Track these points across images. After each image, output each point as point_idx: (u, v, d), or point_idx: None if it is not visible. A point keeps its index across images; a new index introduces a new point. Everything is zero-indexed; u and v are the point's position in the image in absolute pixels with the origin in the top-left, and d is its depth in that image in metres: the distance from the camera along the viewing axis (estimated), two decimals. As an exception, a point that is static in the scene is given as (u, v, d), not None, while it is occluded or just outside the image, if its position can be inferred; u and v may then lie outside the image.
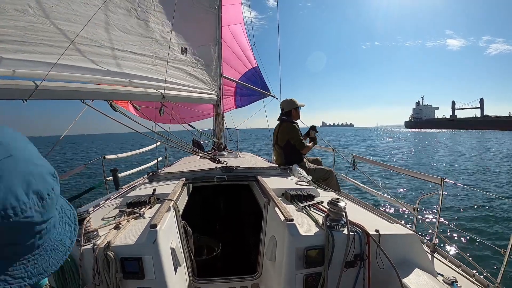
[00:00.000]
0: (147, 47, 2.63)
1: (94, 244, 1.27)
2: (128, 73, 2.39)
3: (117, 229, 1.41)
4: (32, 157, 0.41)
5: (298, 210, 1.71)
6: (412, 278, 1.31)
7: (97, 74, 2.12)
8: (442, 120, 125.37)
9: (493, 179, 10.37)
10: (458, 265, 1.79)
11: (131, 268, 1.26)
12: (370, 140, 42.95)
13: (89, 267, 1.25)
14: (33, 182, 0.38)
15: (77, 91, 1.95)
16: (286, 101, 3.37)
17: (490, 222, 5.63)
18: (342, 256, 1.33)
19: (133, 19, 2.50)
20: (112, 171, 2.80)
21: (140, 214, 1.61)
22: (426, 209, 6.00)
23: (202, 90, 3.44)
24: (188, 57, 3.22)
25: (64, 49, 1.84)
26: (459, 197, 7.30)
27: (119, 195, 2.14)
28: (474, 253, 4.21)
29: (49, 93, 1.74)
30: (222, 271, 2.12)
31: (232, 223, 3.12)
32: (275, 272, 1.53)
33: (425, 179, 2.25)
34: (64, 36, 1.92)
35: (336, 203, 1.38)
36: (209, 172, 2.49)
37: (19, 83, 1.61)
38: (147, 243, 1.28)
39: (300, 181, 2.35)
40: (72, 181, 9.22)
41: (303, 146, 3.16)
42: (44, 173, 0.41)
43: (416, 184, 8.90)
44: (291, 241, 1.35)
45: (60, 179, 1.83)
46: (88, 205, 1.78)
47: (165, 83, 2.69)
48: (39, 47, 1.79)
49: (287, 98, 3.41)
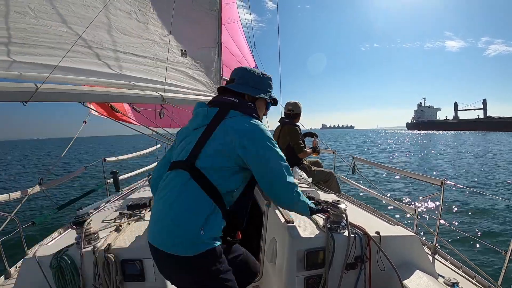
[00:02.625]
0: (148, 49, 2.64)
1: (94, 246, 1.27)
2: (129, 75, 2.40)
3: (117, 232, 1.42)
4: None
5: None
6: (413, 280, 1.30)
7: (97, 76, 2.12)
8: (445, 122, 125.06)
9: (493, 179, 10.36)
10: (459, 266, 1.78)
11: (131, 270, 1.26)
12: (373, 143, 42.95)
13: (90, 269, 1.25)
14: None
15: (78, 93, 1.96)
16: (296, 103, 3.36)
17: (491, 223, 5.62)
18: (342, 258, 1.33)
19: (134, 22, 2.50)
20: (113, 174, 2.81)
21: (141, 216, 1.61)
22: (426, 210, 5.99)
23: (202, 92, 3.44)
24: (188, 59, 3.23)
25: (65, 51, 1.84)
26: (459, 199, 7.29)
27: (119, 198, 2.14)
28: (475, 255, 4.21)
29: (49, 95, 1.74)
30: None
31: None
32: (275, 274, 1.52)
33: (426, 180, 2.25)
34: (65, 38, 1.92)
35: (336, 205, 1.38)
36: None
37: (20, 86, 1.61)
38: (148, 246, 1.28)
39: (301, 183, 2.35)
40: (72, 184, 9.21)
41: (301, 150, 3.15)
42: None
43: (416, 185, 8.89)
44: (292, 243, 1.35)
45: (61, 182, 1.84)
46: (88, 207, 1.78)
47: (164, 85, 2.69)
48: (40, 49, 1.80)
49: (294, 101, 3.40)
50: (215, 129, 1.05)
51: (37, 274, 1.26)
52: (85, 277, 1.25)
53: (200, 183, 1.00)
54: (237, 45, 6.10)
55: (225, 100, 1.13)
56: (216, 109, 1.10)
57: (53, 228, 2.53)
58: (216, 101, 1.16)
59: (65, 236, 1.47)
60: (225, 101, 1.13)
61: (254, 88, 1.21)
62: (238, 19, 6.19)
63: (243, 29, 6.30)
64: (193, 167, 1.01)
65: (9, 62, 1.64)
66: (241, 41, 6.26)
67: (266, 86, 1.25)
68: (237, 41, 6.14)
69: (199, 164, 1.02)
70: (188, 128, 1.17)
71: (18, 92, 1.59)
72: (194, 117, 1.16)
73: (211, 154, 1.03)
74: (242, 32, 6.34)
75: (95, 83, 2.11)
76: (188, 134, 1.14)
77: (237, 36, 6.15)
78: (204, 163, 1.02)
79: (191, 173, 1.01)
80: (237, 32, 6.19)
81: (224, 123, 1.06)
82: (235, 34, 6.08)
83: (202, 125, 1.09)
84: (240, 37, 6.24)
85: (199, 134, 1.07)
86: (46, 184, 2.28)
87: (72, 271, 1.23)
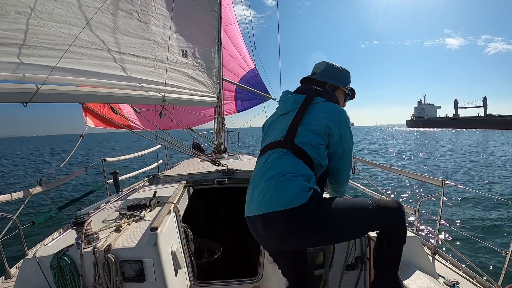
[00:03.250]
0: (149, 50, 2.64)
1: (94, 247, 1.27)
2: (129, 76, 2.40)
3: (117, 232, 1.42)
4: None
5: None
6: (413, 280, 1.31)
7: (98, 77, 2.12)
8: (445, 119, 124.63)
9: (494, 179, 10.36)
10: (459, 267, 1.78)
11: (131, 271, 1.26)
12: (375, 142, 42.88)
13: (90, 270, 1.25)
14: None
15: (78, 94, 1.96)
16: None
17: (491, 223, 5.62)
18: (343, 259, 1.33)
19: (135, 22, 2.51)
20: (113, 174, 2.81)
21: (141, 217, 1.61)
22: (427, 211, 5.98)
23: (202, 93, 3.44)
24: (188, 59, 3.23)
25: (66, 53, 1.85)
26: (460, 199, 7.29)
27: (119, 198, 2.14)
28: (475, 255, 4.20)
29: (49, 96, 1.74)
30: (223, 274, 2.12)
31: (232, 226, 3.11)
32: (276, 275, 1.52)
33: (426, 181, 2.24)
34: (65, 38, 1.92)
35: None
36: (210, 175, 2.49)
37: (20, 87, 1.62)
38: (148, 246, 1.28)
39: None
40: (72, 184, 9.22)
41: None
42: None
43: (416, 186, 8.89)
44: None
45: (61, 182, 1.83)
46: (88, 207, 1.77)
47: (165, 86, 2.70)
48: (40, 50, 1.80)
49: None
50: (306, 112, 1.18)
51: (37, 274, 1.26)
52: (85, 278, 1.25)
53: (299, 156, 1.11)
54: (235, 47, 6.11)
55: (310, 88, 1.27)
56: (303, 95, 1.23)
57: (53, 228, 2.53)
58: (302, 89, 1.30)
59: (65, 236, 1.47)
60: (310, 89, 1.26)
61: (335, 79, 1.35)
62: (236, 20, 6.19)
63: (243, 25, 6.30)
64: (293, 143, 1.13)
65: (9, 63, 1.64)
66: (239, 43, 6.27)
67: (346, 79, 1.39)
68: (236, 43, 6.14)
69: (297, 141, 1.13)
70: (273, 116, 1.32)
71: (19, 93, 1.59)
72: (282, 103, 1.30)
73: (307, 132, 1.15)
74: (240, 34, 6.34)
75: (96, 84, 2.11)
76: (276, 119, 1.28)
77: (235, 38, 6.16)
78: (303, 138, 1.13)
79: (291, 149, 1.12)
80: (235, 34, 6.20)
81: (313, 107, 1.19)
82: (233, 35, 6.08)
83: (292, 109, 1.22)
84: (238, 39, 6.24)
85: (292, 117, 1.19)
86: (46, 184, 2.28)
87: (72, 272, 1.23)
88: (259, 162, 1.22)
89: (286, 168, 1.07)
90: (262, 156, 1.21)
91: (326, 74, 1.35)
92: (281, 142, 1.16)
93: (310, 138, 1.14)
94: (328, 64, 1.37)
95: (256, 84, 6.23)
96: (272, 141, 1.21)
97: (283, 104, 1.30)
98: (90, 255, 1.25)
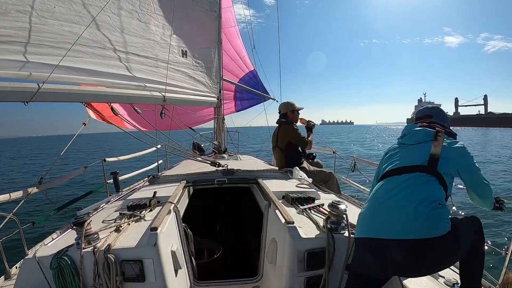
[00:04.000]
0: (149, 50, 2.64)
1: (94, 247, 1.27)
2: (131, 75, 2.40)
3: (117, 232, 1.41)
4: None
5: (299, 212, 1.71)
6: (413, 280, 1.31)
7: (100, 76, 2.12)
8: None
9: (494, 179, 10.35)
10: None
11: (131, 271, 1.26)
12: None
13: (90, 270, 1.25)
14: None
15: (79, 93, 1.96)
16: (283, 103, 3.40)
17: (491, 223, 5.61)
18: (343, 258, 1.32)
19: (135, 21, 2.51)
20: (113, 174, 2.81)
21: (141, 217, 1.61)
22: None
23: (202, 93, 3.45)
24: (188, 59, 3.23)
25: (66, 51, 1.84)
26: (460, 198, 7.28)
27: (119, 198, 2.14)
28: (475, 256, 4.19)
29: (50, 95, 1.74)
30: (223, 274, 2.12)
31: (232, 226, 3.11)
32: (276, 275, 1.52)
33: None
34: (67, 37, 1.92)
35: (337, 206, 1.38)
36: (209, 175, 2.49)
37: (21, 85, 1.61)
38: (148, 246, 1.28)
39: (301, 183, 2.35)
40: (72, 184, 9.21)
41: (306, 143, 3.18)
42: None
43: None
44: (292, 244, 1.35)
45: (61, 182, 1.83)
46: (88, 208, 1.78)
47: (165, 86, 2.70)
48: (41, 49, 1.79)
49: (284, 101, 3.43)
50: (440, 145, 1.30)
51: (37, 274, 1.26)
52: (85, 278, 1.24)
53: (440, 182, 1.22)
54: (235, 49, 6.13)
55: (435, 126, 1.41)
56: (433, 130, 1.37)
57: (53, 228, 2.53)
58: (427, 126, 1.43)
59: (65, 236, 1.47)
60: (435, 127, 1.41)
61: (446, 122, 1.54)
62: (236, 24, 6.21)
63: (242, 25, 6.34)
64: (436, 171, 1.23)
65: (11, 62, 1.64)
66: (239, 45, 6.29)
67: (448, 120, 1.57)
68: (235, 45, 6.17)
69: (440, 169, 1.24)
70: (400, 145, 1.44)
71: (20, 92, 1.59)
72: (411, 135, 1.42)
73: (446, 162, 1.25)
74: (240, 36, 6.36)
75: (97, 83, 2.11)
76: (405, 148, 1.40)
77: (235, 40, 6.18)
78: (443, 168, 1.24)
79: (433, 174, 1.22)
80: (235, 36, 6.21)
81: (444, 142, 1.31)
82: (233, 38, 6.10)
83: (425, 140, 1.34)
84: (237, 41, 6.26)
85: (428, 147, 1.30)
86: (46, 184, 2.28)
87: (72, 272, 1.23)
88: (389, 181, 1.30)
89: (434, 195, 1.17)
90: (395, 176, 1.29)
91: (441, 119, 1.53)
92: (423, 167, 1.25)
93: (447, 168, 1.26)
94: (442, 111, 1.58)
95: (255, 85, 6.25)
96: (407, 165, 1.30)
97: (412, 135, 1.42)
98: (90, 255, 1.25)
